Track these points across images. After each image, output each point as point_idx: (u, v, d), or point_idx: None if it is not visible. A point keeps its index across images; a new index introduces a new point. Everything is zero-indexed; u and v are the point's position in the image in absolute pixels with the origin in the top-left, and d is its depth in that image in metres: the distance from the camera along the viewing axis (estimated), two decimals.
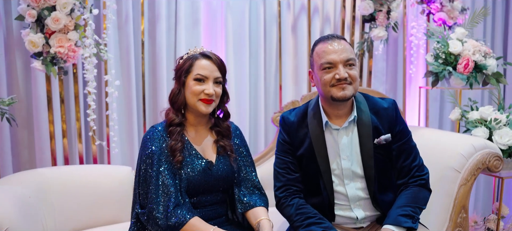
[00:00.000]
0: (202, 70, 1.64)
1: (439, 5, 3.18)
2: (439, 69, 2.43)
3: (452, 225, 2.00)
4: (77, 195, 2.02)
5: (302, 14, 3.32)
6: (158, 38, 3.01)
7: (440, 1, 3.15)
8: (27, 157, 2.78)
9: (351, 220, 1.78)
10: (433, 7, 3.22)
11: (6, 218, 1.52)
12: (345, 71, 1.68)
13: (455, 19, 3.18)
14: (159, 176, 1.58)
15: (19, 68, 2.70)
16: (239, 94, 3.23)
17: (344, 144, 1.76)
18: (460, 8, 3.19)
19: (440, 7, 3.19)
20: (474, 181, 2.02)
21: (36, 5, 2.14)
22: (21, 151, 2.77)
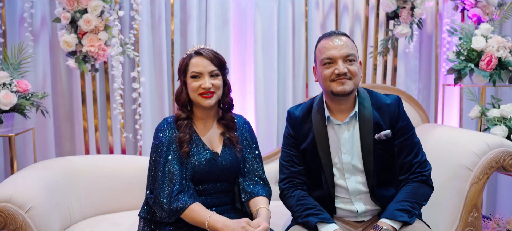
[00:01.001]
0: (196, 67, 1.74)
1: (473, 1, 3.08)
2: (460, 66, 2.38)
3: (463, 224, 1.97)
4: (102, 182, 2.20)
5: (331, 13, 3.35)
6: (189, 38, 3.16)
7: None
8: (69, 148, 3.02)
9: (352, 214, 1.82)
10: (467, 3, 3.12)
11: (30, 197, 1.70)
12: (345, 67, 1.72)
13: (491, 15, 3.06)
14: (166, 164, 1.70)
15: (62, 66, 2.95)
16: (267, 93, 3.31)
17: (345, 139, 1.80)
18: (497, 3, 3.07)
19: (474, 3, 3.09)
20: (487, 179, 1.97)
21: (70, 8, 2.35)
22: (63, 142, 3.03)
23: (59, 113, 3.01)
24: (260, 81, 3.29)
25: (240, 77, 3.34)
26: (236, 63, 3.33)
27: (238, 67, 3.33)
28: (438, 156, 2.16)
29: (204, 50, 1.78)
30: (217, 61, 1.77)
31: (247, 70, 3.34)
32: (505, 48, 2.34)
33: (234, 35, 3.30)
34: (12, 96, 2.07)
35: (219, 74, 1.78)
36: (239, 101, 3.36)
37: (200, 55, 1.76)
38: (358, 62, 1.79)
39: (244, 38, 3.32)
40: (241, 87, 3.36)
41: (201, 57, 1.76)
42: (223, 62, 1.81)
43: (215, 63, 1.77)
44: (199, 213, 1.64)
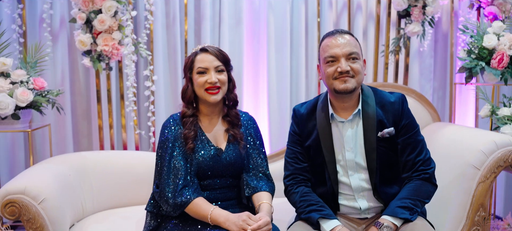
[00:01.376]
0: (201, 63, 1.79)
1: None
2: (471, 65, 2.36)
3: (469, 223, 1.96)
4: (114, 177, 2.27)
5: (344, 12, 3.35)
6: (203, 37, 3.22)
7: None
8: (86, 145, 3.12)
9: (355, 210, 1.83)
10: (483, 0, 3.08)
11: (43, 189, 1.78)
12: (347, 65, 1.74)
13: (507, 13, 3.02)
14: (171, 159, 1.76)
15: (80, 66, 3.05)
16: (280, 92, 3.34)
17: (348, 136, 1.81)
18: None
19: (490, 1, 3.05)
20: (494, 178, 1.95)
21: (85, 9, 2.44)
22: (80, 139, 3.13)
23: (77, 111, 3.11)
24: (273, 80, 3.32)
25: (253, 76, 3.38)
26: (249, 62, 3.37)
27: (251, 67, 3.38)
28: (446, 155, 2.15)
29: (210, 47, 1.83)
30: (222, 57, 1.82)
31: (260, 69, 3.38)
32: None
33: (247, 35, 3.34)
34: (29, 94, 2.17)
35: (224, 70, 1.83)
36: (252, 100, 3.40)
37: (205, 52, 1.81)
38: (362, 60, 1.80)
39: (257, 37, 3.36)
40: (254, 86, 3.40)
41: (206, 54, 1.80)
42: (227, 59, 1.85)
43: (220, 59, 1.81)
44: (202, 207, 1.68)
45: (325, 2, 3.33)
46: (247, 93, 3.37)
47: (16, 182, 1.78)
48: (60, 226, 1.81)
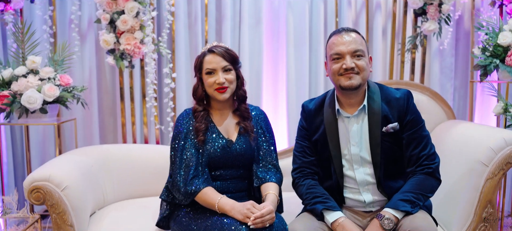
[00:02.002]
0: (209, 64, 1.88)
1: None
2: (486, 62, 2.37)
3: (477, 219, 1.97)
4: (134, 169, 2.41)
5: (363, 11, 3.39)
6: (223, 37, 3.33)
7: None
8: (112, 140, 3.29)
9: (360, 204, 1.89)
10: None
11: (66, 178, 1.93)
12: (352, 62, 1.80)
13: None
14: (183, 151, 1.87)
15: (107, 64, 3.22)
16: (299, 90, 3.41)
17: (354, 131, 1.87)
18: None
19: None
20: (503, 175, 1.96)
21: (109, 10, 2.59)
22: (107, 134, 3.30)
23: (103, 107, 3.29)
24: (292, 78, 3.40)
25: (273, 75, 3.47)
26: (269, 61, 3.46)
27: (271, 65, 3.47)
28: (456, 152, 2.17)
29: (217, 47, 1.92)
30: (229, 57, 1.91)
31: (280, 68, 3.46)
32: None
33: (266, 34, 3.43)
34: (56, 89, 2.33)
35: (231, 69, 1.92)
36: (272, 97, 3.49)
37: (212, 53, 1.90)
38: (367, 57, 1.86)
39: (277, 36, 3.44)
40: (273, 84, 3.49)
41: (214, 55, 1.90)
42: (235, 58, 1.94)
43: (227, 59, 1.90)
44: (210, 196, 1.79)
45: (344, 1, 3.38)
46: (266, 90, 3.46)
47: (41, 170, 1.93)
48: (81, 212, 1.96)
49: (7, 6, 2.77)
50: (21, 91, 2.26)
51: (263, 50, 3.41)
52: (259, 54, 3.40)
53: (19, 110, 2.29)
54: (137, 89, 3.04)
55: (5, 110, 2.31)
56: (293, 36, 3.39)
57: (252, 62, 3.38)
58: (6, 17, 2.75)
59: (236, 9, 3.36)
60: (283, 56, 3.43)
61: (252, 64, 3.38)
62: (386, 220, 1.69)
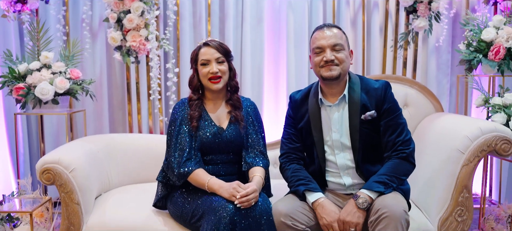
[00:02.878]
0: (204, 56, 2.08)
1: None
2: (470, 57, 2.51)
3: (453, 203, 2.12)
4: (137, 156, 2.62)
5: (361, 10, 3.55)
6: (226, 35, 3.53)
7: None
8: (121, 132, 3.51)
9: (341, 186, 2.06)
10: None
11: (74, 161, 2.14)
12: (332, 55, 1.97)
13: None
14: (178, 136, 2.07)
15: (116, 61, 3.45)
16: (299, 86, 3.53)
17: (335, 119, 2.05)
18: None
19: None
20: (478, 162, 2.10)
21: (116, 9, 2.82)
22: (116, 126, 3.54)
23: (113, 101, 3.53)
24: (292, 75, 3.58)
25: (274, 72, 3.66)
26: (270, 58, 3.65)
27: (272, 62, 3.65)
28: (437, 141, 2.32)
29: (211, 41, 2.11)
30: (222, 50, 2.10)
31: (280, 65, 3.64)
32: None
33: (268, 33, 3.62)
34: (66, 82, 2.56)
35: (224, 61, 2.10)
36: (273, 93, 3.67)
37: (207, 46, 2.10)
38: (347, 51, 2.03)
39: (278, 35, 3.63)
40: (275, 81, 3.67)
41: (208, 47, 2.09)
42: (227, 51, 2.13)
43: (220, 51, 2.09)
44: (201, 177, 1.98)
45: (342, 1, 3.54)
46: (267, 87, 3.65)
47: (52, 154, 2.16)
48: (87, 193, 2.17)
49: (24, 6, 3.02)
50: (35, 84, 2.50)
51: (264, 48, 3.60)
52: (260, 52, 3.59)
53: (33, 101, 2.52)
54: (143, 83, 3.27)
55: (21, 101, 2.55)
56: (293, 34, 3.56)
57: (254, 60, 3.57)
58: (23, 17, 3.00)
59: (238, 8, 3.55)
60: (284, 54, 3.61)
61: (254, 61, 3.58)
62: (361, 200, 1.86)
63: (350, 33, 3.58)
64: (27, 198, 2.34)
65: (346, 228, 1.86)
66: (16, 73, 2.54)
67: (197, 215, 1.93)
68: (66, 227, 2.12)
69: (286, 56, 3.60)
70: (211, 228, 1.81)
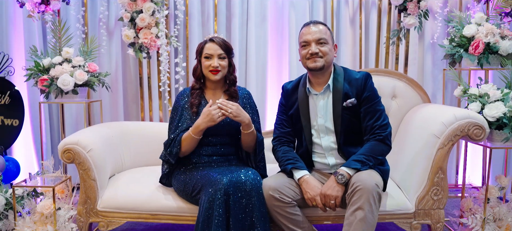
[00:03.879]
0: (208, 50, 2.37)
1: None
2: (452, 52, 2.75)
3: (429, 183, 2.37)
4: (147, 142, 2.94)
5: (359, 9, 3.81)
6: (232, 33, 3.84)
7: None
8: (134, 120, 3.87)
9: (326, 166, 2.34)
10: None
11: (91, 143, 2.47)
12: (317, 48, 2.25)
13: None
14: (179, 121, 2.37)
15: (130, 56, 3.80)
16: None
17: (320, 106, 2.33)
18: None
19: None
20: (452, 146, 2.35)
21: (130, 9, 3.15)
22: (130, 117, 3.88)
23: (128, 95, 3.87)
24: (294, 69, 3.86)
25: (277, 67, 3.95)
26: (273, 54, 3.94)
27: (275, 58, 3.94)
28: (418, 128, 2.57)
29: (216, 38, 2.41)
30: (224, 47, 2.39)
31: (283, 60, 3.93)
32: (494, 35, 2.66)
33: (271, 30, 3.91)
34: (85, 75, 2.90)
35: (225, 57, 2.40)
36: (275, 87, 3.96)
37: (212, 42, 2.39)
38: (331, 45, 2.30)
39: (281, 32, 3.92)
40: (278, 76, 3.96)
41: (213, 43, 2.39)
42: (229, 48, 2.42)
43: (223, 48, 2.38)
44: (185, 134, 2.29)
45: (341, 0, 3.81)
46: (271, 80, 3.94)
47: (72, 136, 2.49)
48: (102, 171, 2.50)
49: (47, 7, 3.38)
50: (57, 76, 2.84)
51: (268, 45, 3.89)
52: (264, 49, 3.88)
53: (56, 91, 2.87)
54: (154, 76, 3.60)
55: (45, 91, 2.90)
56: (295, 32, 3.84)
57: (258, 55, 3.87)
58: (46, 17, 3.36)
59: (244, 7, 3.85)
60: (286, 50, 3.90)
61: (258, 57, 3.87)
62: (340, 176, 2.13)
63: (349, 31, 3.85)
64: (49, 176, 2.68)
65: (327, 201, 2.14)
66: (40, 67, 2.89)
67: (197, 189, 2.23)
68: (84, 200, 2.45)
69: (288, 52, 3.89)
70: (208, 198, 2.11)
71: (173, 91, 3.67)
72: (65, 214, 2.51)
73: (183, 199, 2.38)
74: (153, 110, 3.54)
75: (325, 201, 2.15)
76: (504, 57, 2.68)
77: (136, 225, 3.04)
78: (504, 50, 2.65)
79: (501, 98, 2.43)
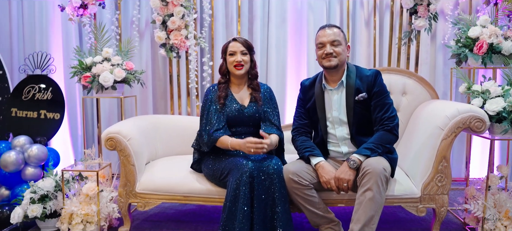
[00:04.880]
0: (232, 48, 2.72)
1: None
2: (458, 51, 3.04)
3: (434, 171, 2.67)
4: (178, 133, 3.31)
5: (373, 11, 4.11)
6: (254, 34, 4.18)
7: None
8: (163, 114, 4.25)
9: (340, 154, 2.66)
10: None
11: (130, 132, 2.83)
12: (331, 49, 2.57)
13: None
14: (209, 113, 2.72)
15: (159, 56, 4.18)
16: None
17: (335, 100, 2.65)
18: None
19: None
20: (455, 137, 2.64)
21: (162, 13, 3.52)
22: (158, 111, 4.26)
23: (157, 92, 4.25)
24: (312, 68, 4.18)
25: (295, 65, 4.27)
26: (292, 53, 4.27)
27: (294, 57, 4.27)
28: (425, 121, 2.87)
29: (239, 38, 2.75)
30: (246, 45, 2.73)
31: (301, 59, 4.25)
32: (497, 36, 2.94)
33: (291, 31, 4.24)
34: (123, 72, 3.27)
35: (247, 54, 2.74)
36: (294, 84, 4.28)
37: (235, 41, 2.74)
38: (344, 46, 2.61)
39: (299, 33, 4.24)
40: (296, 73, 4.29)
41: (236, 42, 2.74)
42: (250, 46, 2.76)
43: (245, 46, 2.73)
44: (225, 140, 2.60)
45: (357, 2, 4.12)
46: (290, 77, 4.27)
47: (114, 126, 2.86)
48: (140, 157, 2.86)
49: (85, 11, 3.77)
50: (98, 73, 3.23)
51: (287, 45, 4.22)
52: (284, 48, 4.22)
53: (97, 86, 3.25)
54: (183, 74, 3.97)
55: (87, 87, 3.29)
56: (313, 33, 4.16)
57: (278, 54, 4.20)
58: (83, 20, 3.75)
59: (265, 10, 4.19)
60: (305, 50, 4.22)
61: (278, 56, 4.21)
62: (352, 162, 2.45)
63: (363, 32, 4.16)
64: (92, 163, 3.06)
65: (341, 184, 2.46)
66: (84, 65, 3.28)
67: (225, 173, 2.58)
68: (124, 183, 2.82)
69: (307, 51, 4.21)
70: (235, 180, 2.45)
71: (200, 88, 4.03)
72: (107, 195, 2.89)
73: (212, 183, 2.72)
74: (181, 106, 3.91)
75: (338, 183, 2.47)
76: (507, 56, 2.95)
77: (167, 209, 3.41)
78: (506, 50, 2.93)
79: (501, 94, 2.71)
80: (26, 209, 2.89)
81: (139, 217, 3.23)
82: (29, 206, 2.87)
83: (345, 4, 4.12)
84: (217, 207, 3.37)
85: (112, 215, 2.91)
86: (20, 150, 3.63)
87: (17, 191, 3.58)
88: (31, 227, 3.02)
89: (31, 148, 3.59)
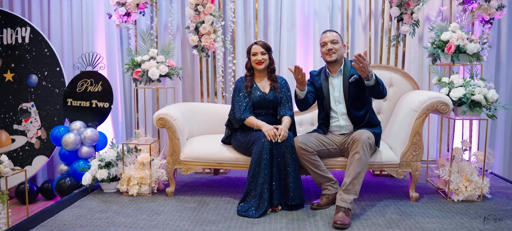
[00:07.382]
0: (254, 50, 3.72)
1: (477, 5, 4.62)
2: (433, 51, 4.04)
3: (410, 143, 3.65)
4: (209, 116, 4.33)
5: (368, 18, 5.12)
6: (269, 37, 5.19)
7: (478, 1, 4.58)
8: None
9: (338, 128, 3.65)
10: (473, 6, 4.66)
11: (175, 114, 3.84)
12: (332, 46, 3.57)
13: (492, 15, 4.58)
14: (238, 98, 3.72)
15: (189, 55, 5.21)
16: None
17: (335, 83, 3.63)
18: (497, 6, 4.57)
19: (478, 6, 4.62)
20: (425, 117, 3.61)
21: (195, 21, 4.55)
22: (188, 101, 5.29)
23: (186, 86, 5.28)
24: (317, 66, 5.16)
25: (303, 64, 5.27)
26: (301, 55, 5.27)
27: (302, 57, 5.27)
28: (405, 106, 3.86)
29: (259, 41, 3.75)
30: (265, 47, 3.73)
31: (309, 61, 5.25)
32: (463, 39, 3.93)
33: (299, 35, 5.24)
34: (166, 68, 4.29)
35: (266, 53, 3.73)
36: None
37: (256, 44, 3.74)
38: (341, 44, 3.61)
39: (307, 37, 5.24)
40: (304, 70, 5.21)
41: (257, 45, 3.74)
42: (268, 47, 3.76)
43: (264, 47, 3.72)
44: (252, 120, 3.60)
45: (356, 10, 5.12)
46: None
47: (162, 110, 3.86)
48: (183, 133, 3.87)
49: (128, 18, 4.80)
50: (146, 69, 4.25)
51: (296, 47, 5.22)
52: (293, 50, 5.22)
53: (146, 79, 4.28)
54: (210, 70, 5.00)
55: (138, 80, 4.32)
56: (318, 36, 5.15)
57: (289, 55, 5.21)
58: (128, 25, 4.78)
59: (277, 17, 5.20)
60: (311, 51, 5.22)
61: (289, 57, 5.21)
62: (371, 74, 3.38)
63: (361, 35, 5.15)
64: (143, 139, 4.08)
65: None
66: (135, 62, 4.31)
67: (250, 143, 3.58)
68: (171, 153, 3.83)
69: (313, 51, 5.21)
70: (258, 148, 3.44)
71: (225, 81, 5.06)
72: (158, 162, 3.91)
73: (240, 153, 3.72)
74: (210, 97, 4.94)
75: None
76: (471, 56, 3.94)
77: (201, 178, 4.43)
78: (470, 51, 3.92)
79: (463, 84, 3.71)
80: (94, 174, 3.91)
81: (180, 182, 4.26)
82: (97, 171, 3.90)
83: (345, 12, 5.12)
84: (239, 178, 4.38)
85: (161, 178, 3.93)
86: (77, 132, 4.68)
87: (75, 166, 4.63)
88: (96, 189, 4.04)
89: (86, 131, 4.64)
